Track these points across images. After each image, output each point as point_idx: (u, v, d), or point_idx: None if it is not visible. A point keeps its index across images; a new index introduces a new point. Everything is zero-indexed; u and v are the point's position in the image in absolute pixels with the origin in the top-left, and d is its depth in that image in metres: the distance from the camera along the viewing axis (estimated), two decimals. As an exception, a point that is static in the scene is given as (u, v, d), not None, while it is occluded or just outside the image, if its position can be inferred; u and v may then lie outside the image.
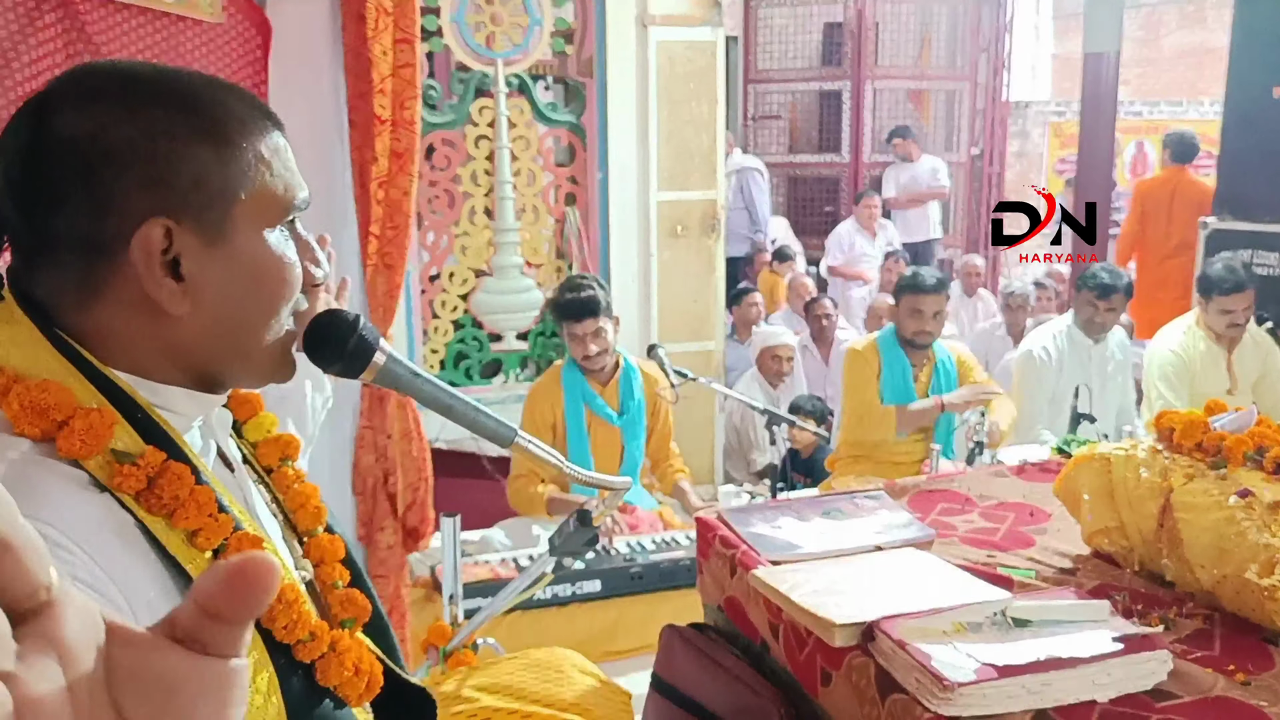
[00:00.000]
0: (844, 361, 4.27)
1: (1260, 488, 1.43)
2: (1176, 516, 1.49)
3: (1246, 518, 1.39)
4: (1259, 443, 1.51)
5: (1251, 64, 5.94)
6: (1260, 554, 1.36)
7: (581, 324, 3.54)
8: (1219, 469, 1.50)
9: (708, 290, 5.08)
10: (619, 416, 3.72)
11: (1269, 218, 5.98)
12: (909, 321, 4.01)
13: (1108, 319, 4.37)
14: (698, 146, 4.92)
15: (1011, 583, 1.61)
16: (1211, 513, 1.44)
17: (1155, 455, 1.59)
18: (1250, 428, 1.55)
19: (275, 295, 0.99)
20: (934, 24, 9.25)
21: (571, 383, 3.69)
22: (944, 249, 9.14)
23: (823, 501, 1.88)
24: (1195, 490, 1.48)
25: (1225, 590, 1.45)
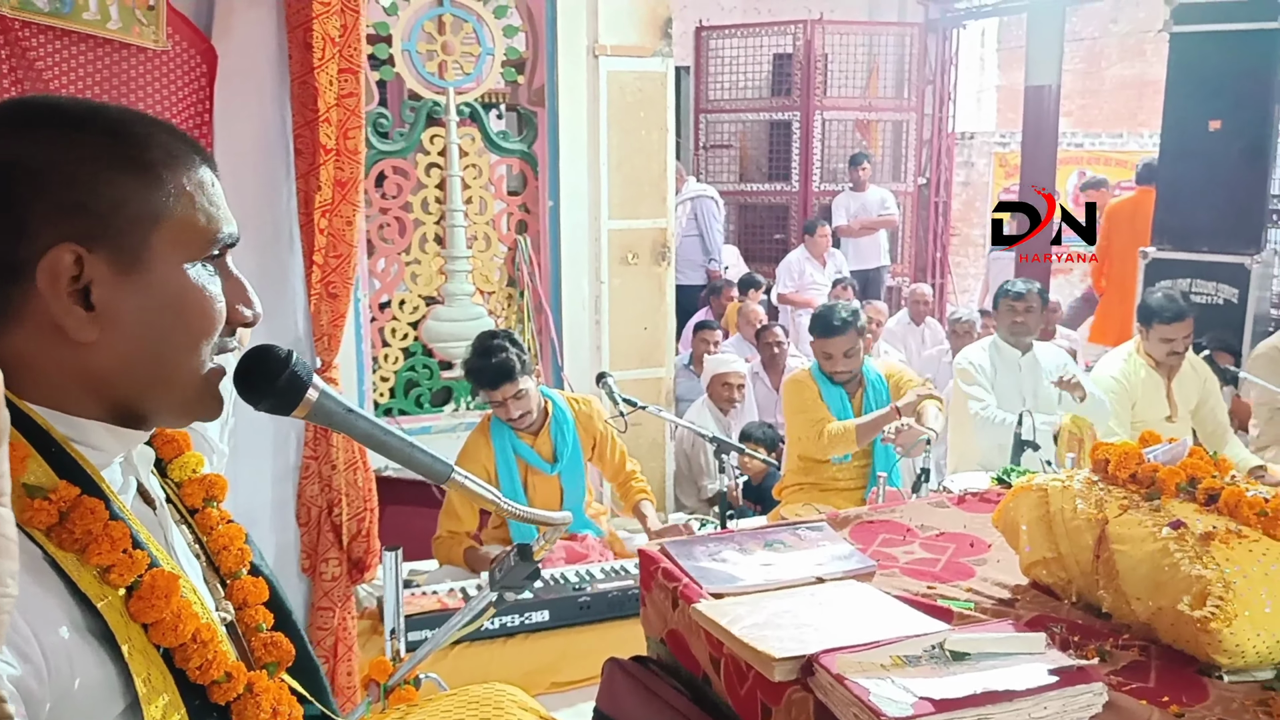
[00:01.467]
0: (783, 391, 4.30)
1: (1192, 519, 1.46)
2: (1112, 548, 1.51)
3: (1179, 549, 1.41)
4: (1191, 474, 1.54)
5: (1187, 98, 6.10)
6: (1193, 586, 1.38)
7: (499, 390, 3.44)
8: (1153, 500, 1.53)
9: (658, 317, 5.10)
10: (553, 465, 3.63)
11: (1207, 247, 6.14)
12: (824, 361, 4.08)
13: (1028, 319, 4.51)
14: (648, 175, 4.95)
15: (951, 614, 1.62)
16: (1146, 544, 1.46)
17: (1091, 486, 1.62)
18: (1183, 459, 1.58)
19: (194, 329, 0.98)
20: (881, 56, 9.39)
21: (500, 437, 3.60)
22: (892, 277, 9.25)
23: (766, 533, 1.88)
24: (1130, 522, 1.50)
25: (1161, 622, 1.47)
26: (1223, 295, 6.09)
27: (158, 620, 0.93)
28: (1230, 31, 5.90)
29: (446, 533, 3.63)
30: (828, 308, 4.14)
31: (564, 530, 1.24)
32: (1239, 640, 1.38)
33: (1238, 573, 1.39)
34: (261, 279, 2.62)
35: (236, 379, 1.04)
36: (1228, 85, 5.93)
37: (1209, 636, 1.37)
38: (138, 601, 0.93)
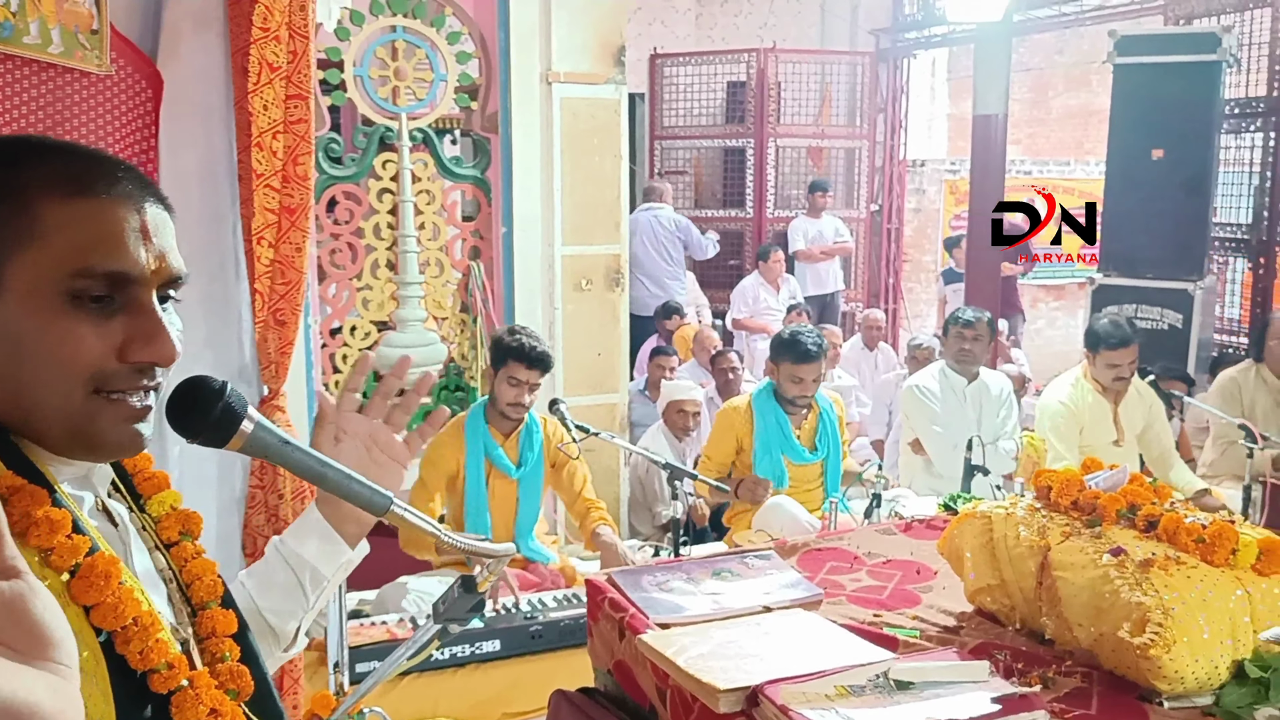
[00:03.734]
0: (716, 417, 4.32)
1: (1132, 546, 1.47)
2: (1054, 575, 1.52)
3: (1119, 576, 1.43)
4: (1131, 500, 1.55)
5: (1131, 128, 6.23)
6: (1133, 612, 1.39)
7: (530, 373, 3.59)
8: (1094, 527, 1.54)
9: (612, 343, 5.10)
10: (517, 469, 3.70)
11: (1152, 274, 6.25)
12: (791, 386, 4.06)
13: (975, 347, 4.57)
14: (601, 201, 4.96)
15: (897, 642, 1.62)
16: (1087, 571, 1.47)
17: (1034, 514, 1.63)
18: (1124, 485, 1.60)
19: (45, 367, 0.94)
20: (833, 84, 9.51)
21: (475, 433, 3.67)
22: (847, 302, 9.33)
23: (714, 562, 1.88)
24: (1071, 549, 1.52)
25: (1103, 648, 1.48)
26: (1167, 321, 6.20)
27: (98, 602, 0.92)
28: (1172, 63, 6.04)
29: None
30: (797, 332, 4.12)
31: (506, 561, 1.23)
32: (1178, 667, 1.40)
33: (1176, 599, 1.40)
34: (207, 307, 2.59)
35: (168, 411, 1.01)
36: (1170, 115, 6.07)
37: (1149, 663, 1.38)
38: (78, 582, 0.92)
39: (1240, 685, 1.38)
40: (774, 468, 4.06)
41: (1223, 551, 1.45)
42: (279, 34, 2.20)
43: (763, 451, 4.08)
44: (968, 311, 4.68)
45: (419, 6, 4.38)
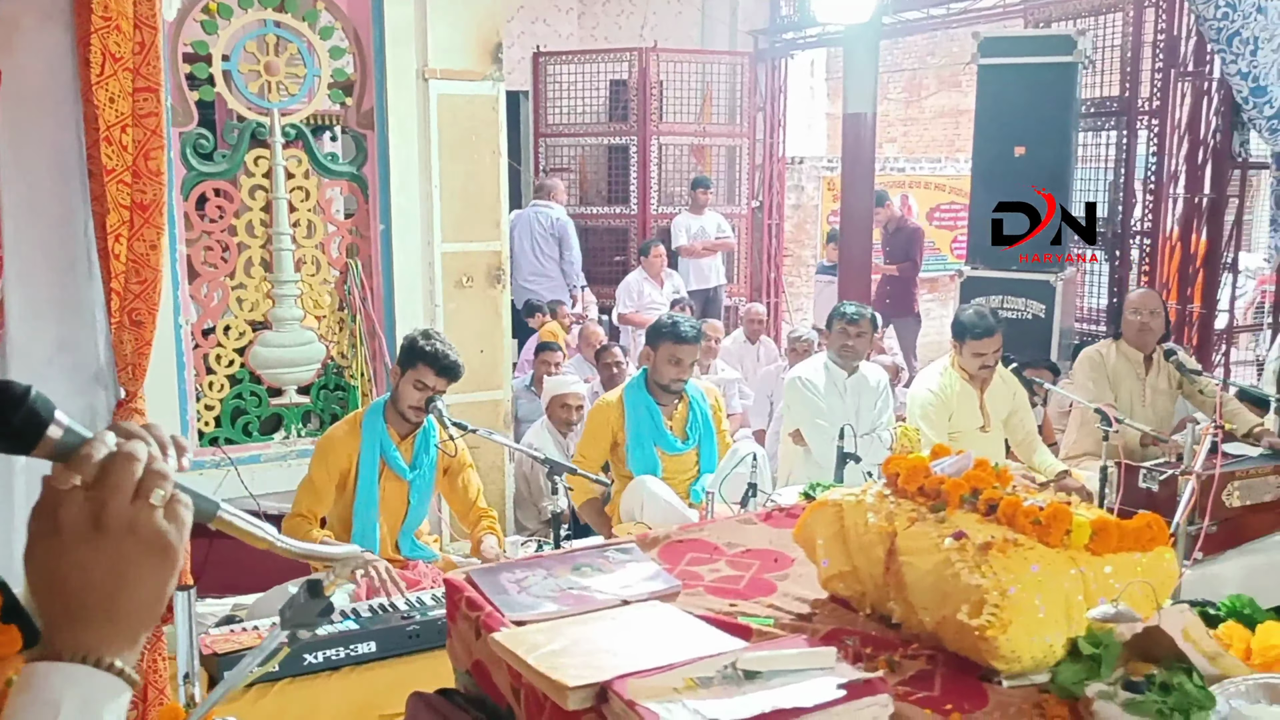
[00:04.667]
0: (589, 413, 4.34)
1: (974, 529, 1.53)
2: (901, 560, 1.57)
3: (960, 559, 1.48)
4: (974, 485, 1.62)
5: (994, 126, 6.48)
6: (971, 595, 1.45)
7: (439, 380, 3.57)
8: (939, 512, 1.60)
9: (495, 340, 5.08)
10: (410, 471, 3.67)
11: (1016, 266, 6.51)
12: (668, 369, 4.10)
13: (858, 343, 4.69)
14: (481, 198, 4.93)
15: (750, 632, 1.65)
16: (931, 555, 1.53)
17: (882, 500, 1.68)
18: (968, 470, 1.67)
19: None
20: (714, 83, 9.64)
21: (372, 432, 3.63)
22: (729, 296, 9.46)
23: (574, 556, 1.89)
24: (917, 534, 1.57)
25: (946, 630, 1.54)
26: (1031, 311, 6.47)
27: None
28: (1031, 64, 6.30)
29: (304, 512, 3.57)
30: (674, 317, 4.20)
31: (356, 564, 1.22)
32: (1014, 646, 1.46)
33: (1013, 580, 1.47)
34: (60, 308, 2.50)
35: None
36: (1031, 114, 6.33)
37: (987, 644, 1.44)
38: None
39: (1074, 662, 1.45)
40: (647, 459, 4.10)
41: (1058, 533, 1.53)
42: (120, 23, 2.13)
43: (635, 444, 4.12)
44: (850, 306, 4.78)
45: (290, 0, 4.29)
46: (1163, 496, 3.92)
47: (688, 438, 4.19)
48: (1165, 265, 7.08)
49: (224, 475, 4.37)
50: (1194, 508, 3.76)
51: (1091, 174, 7.27)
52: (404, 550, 3.71)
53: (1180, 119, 7.02)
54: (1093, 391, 4.79)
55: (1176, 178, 7.08)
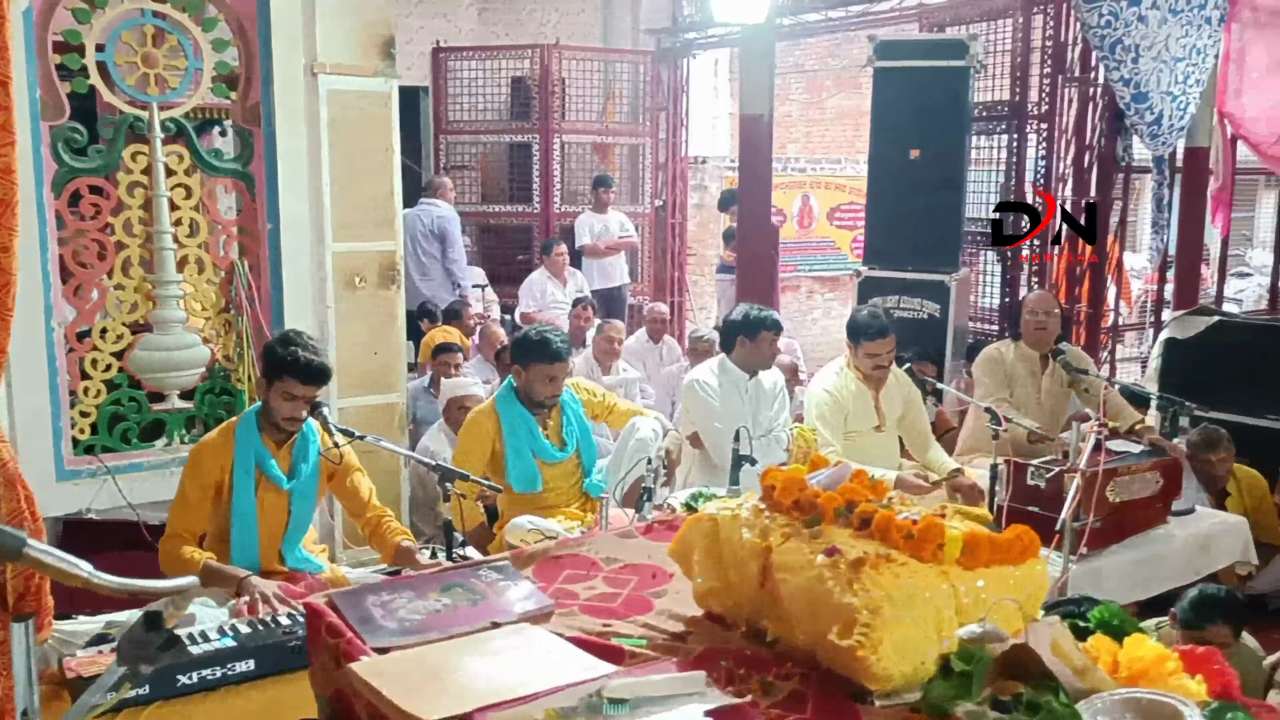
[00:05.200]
0: (463, 428, 4.19)
1: (847, 545, 1.52)
2: (775, 576, 1.55)
3: (832, 577, 1.47)
4: (849, 498, 1.60)
5: (890, 128, 6.57)
6: (842, 614, 1.43)
7: (307, 388, 3.40)
8: (814, 526, 1.58)
9: (389, 342, 4.96)
10: (289, 480, 3.53)
11: (911, 267, 6.62)
12: (543, 387, 4.02)
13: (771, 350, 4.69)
14: (374, 196, 4.81)
15: (623, 654, 1.61)
16: (805, 572, 1.51)
17: (758, 514, 1.66)
18: (844, 482, 1.65)
19: None
20: (617, 82, 9.61)
21: (245, 442, 3.47)
22: (633, 296, 9.45)
23: (444, 576, 1.82)
24: (791, 549, 1.55)
25: (821, 649, 1.52)
26: (926, 311, 6.58)
27: None
28: (925, 68, 6.40)
29: (179, 532, 3.43)
30: (541, 333, 4.08)
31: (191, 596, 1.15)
32: (885, 666, 1.45)
33: (884, 598, 1.45)
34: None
35: None
36: (925, 117, 6.43)
37: (858, 664, 1.43)
38: None
39: (945, 680, 1.44)
40: (527, 471, 4.01)
41: (930, 548, 1.52)
42: (-39, 12, 2.00)
43: (515, 456, 4.01)
44: (752, 312, 4.71)
45: (169, -11, 4.13)
46: (1050, 493, 4.00)
47: (565, 444, 4.12)
48: (1054, 266, 7.27)
49: (100, 485, 4.20)
50: (1079, 504, 3.84)
51: (984, 177, 7.43)
52: (289, 562, 3.58)
53: (1067, 124, 7.22)
54: (989, 388, 4.89)
55: (1064, 181, 7.28)
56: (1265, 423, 5.82)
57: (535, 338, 4.06)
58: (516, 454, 4.02)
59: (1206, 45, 6.56)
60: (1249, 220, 15.20)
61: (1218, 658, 1.45)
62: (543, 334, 4.07)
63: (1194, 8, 6.43)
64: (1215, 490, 5.05)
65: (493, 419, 4.06)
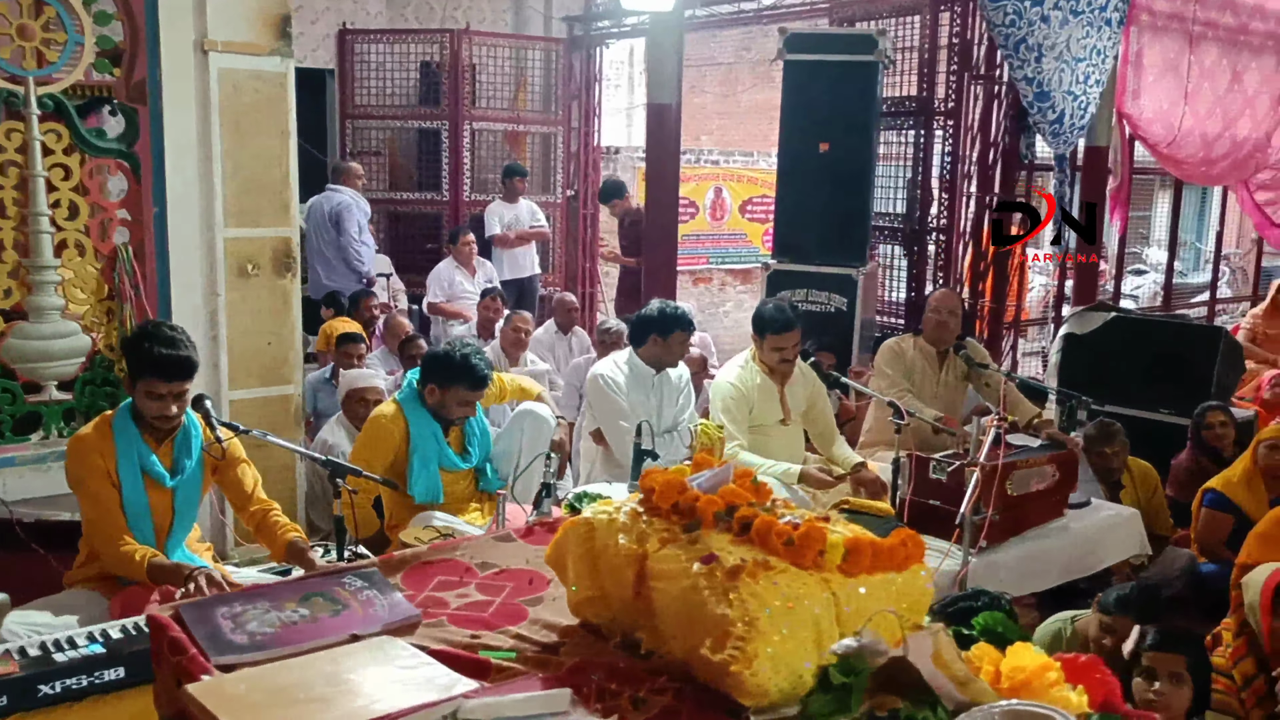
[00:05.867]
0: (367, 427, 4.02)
1: (726, 551, 1.45)
2: (650, 585, 1.48)
3: (708, 586, 1.40)
4: (730, 502, 1.54)
5: (799, 122, 6.57)
6: (716, 626, 1.36)
7: (171, 385, 3.21)
8: (693, 532, 1.51)
9: (284, 332, 4.79)
10: (171, 478, 3.37)
11: (819, 260, 6.64)
12: (459, 409, 3.88)
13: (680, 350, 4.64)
14: (268, 181, 4.64)
15: (489, 668, 1.53)
16: (680, 580, 1.44)
17: (636, 519, 1.58)
18: (726, 485, 1.59)
19: None
20: (528, 70, 9.47)
21: (125, 438, 3.30)
22: (545, 286, 9.34)
23: (306, 585, 1.72)
24: (667, 556, 1.48)
25: (695, 662, 1.45)
26: (834, 304, 6.61)
27: None
28: (835, 62, 6.41)
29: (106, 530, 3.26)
30: (465, 356, 3.88)
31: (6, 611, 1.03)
32: (760, 681, 1.38)
33: (761, 607, 1.39)
34: None
35: None
36: (834, 111, 6.45)
37: (732, 679, 1.36)
38: None
39: (824, 693, 1.38)
40: (431, 483, 3.86)
41: (810, 554, 1.47)
42: None
43: (421, 466, 3.86)
44: (665, 309, 4.64)
45: (44, -42, 3.91)
46: (951, 486, 4.02)
47: (469, 453, 4.00)
48: (959, 261, 7.37)
49: (-30, 481, 3.98)
50: (978, 497, 3.87)
51: (891, 172, 7.49)
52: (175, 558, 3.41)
53: (973, 121, 7.32)
54: (891, 380, 4.91)
55: (970, 177, 7.37)
56: (1159, 416, 5.95)
57: (459, 361, 3.87)
58: (423, 464, 3.87)
59: (1106, 46, 6.69)
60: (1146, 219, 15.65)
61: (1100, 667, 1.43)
62: (466, 358, 3.87)
63: (1094, 9, 6.55)
64: (1110, 483, 5.14)
65: (400, 425, 3.89)
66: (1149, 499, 5.19)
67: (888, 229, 7.63)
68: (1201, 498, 4.97)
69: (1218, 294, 11.53)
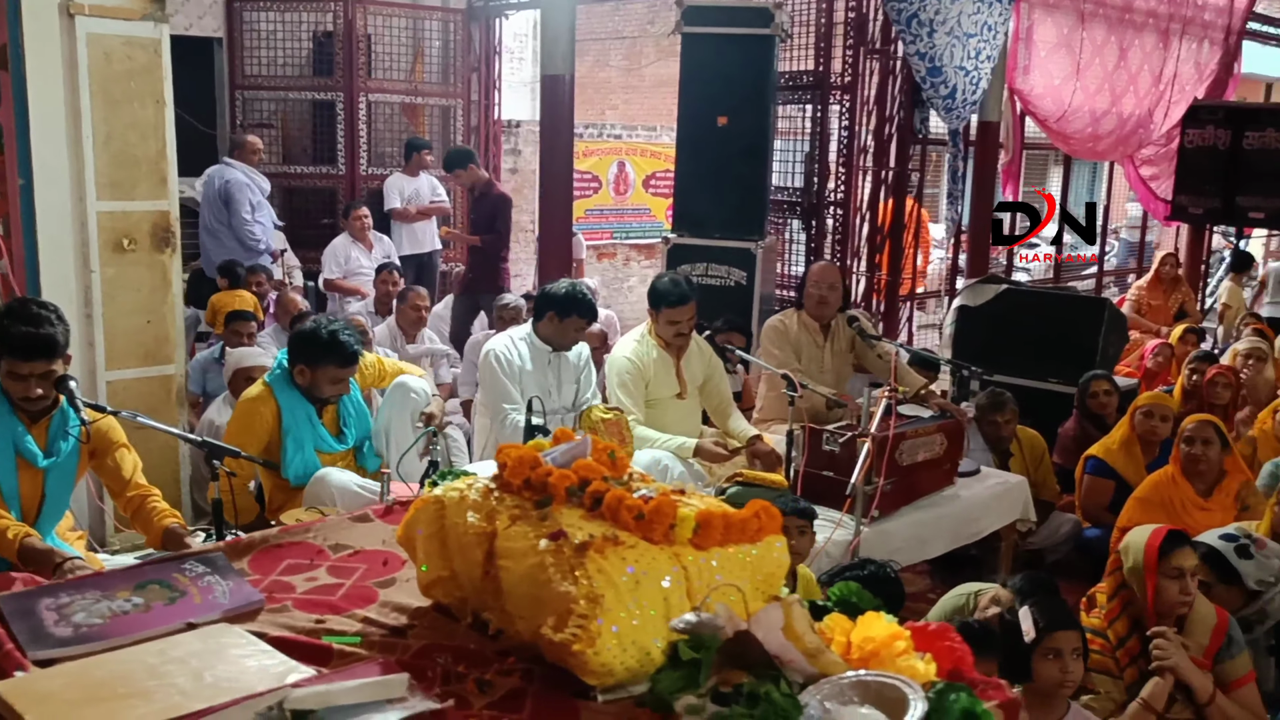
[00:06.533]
0: (237, 410, 3.89)
1: (576, 527, 1.41)
2: (499, 564, 1.44)
3: (554, 563, 1.36)
4: (584, 476, 1.50)
5: (698, 95, 6.55)
6: (559, 605, 1.33)
7: (30, 364, 3.05)
8: (543, 508, 1.47)
9: (164, 310, 4.63)
10: (45, 458, 3.22)
11: (719, 234, 6.64)
12: (331, 387, 3.76)
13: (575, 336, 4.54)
14: (144, 152, 4.46)
15: (331, 654, 1.48)
16: (527, 558, 1.40)
17: (487, 496, 1.54)
18: (581, 459, 1.55)
19: None
20: (426, 40, 9.27)
21: None
22: (445, 262, 9.20)
23: (142, 572, 1.64)
24: (516, 534, 1.44)
25: (543, 642, 1.41)
26: (734, 278, 6.62)
27: None
28: (731, 35, 6.39)
29: None
30: (334, 331, 3.73)
31: None
32: (605, 660, 1.35)
33: (607, 584, 1.35)
34: None
35: None
36: (732, 85, 6.43)
37: (574, 659, 1.33)
38: None
39: (674, 669, 1.35)
40: (307, 465, 3.73)
41: (660, 528, 1.44)
42: None
43: (295, 448, 3.72)
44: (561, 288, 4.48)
45: (-113, -88, 3.67)
46: (844, 458, 4.05)
47: (344, 434, 3.88)
48: (856, 235, 7.45)
49: None
50: (870, 467, 3.91)
51: (790, 146, 7.52)
52: (45, 544, 3.26)
53: (869, 95, 7.38)
54: (778, 358, 4.92)
55: (866, 151, 7.45)
56: (1047, 386, 6.10)
57: (325, 337, 3.71)
58: (297, 447, 3.73)
59: (997, 22, 6.80)
60: (1041, 194, 16.04)
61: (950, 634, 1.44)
62: (334, 334, 3.72)
63: (986, -15, 6.65)
64: (1000, 451, 5.26)
65: (270, 407, 3.75)
66: (1036, 466, 5.33)
67: (787, 203, 7.67)
68: (1084, 465, 5.11)
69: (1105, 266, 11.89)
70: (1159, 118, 9.36)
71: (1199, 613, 3.17)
